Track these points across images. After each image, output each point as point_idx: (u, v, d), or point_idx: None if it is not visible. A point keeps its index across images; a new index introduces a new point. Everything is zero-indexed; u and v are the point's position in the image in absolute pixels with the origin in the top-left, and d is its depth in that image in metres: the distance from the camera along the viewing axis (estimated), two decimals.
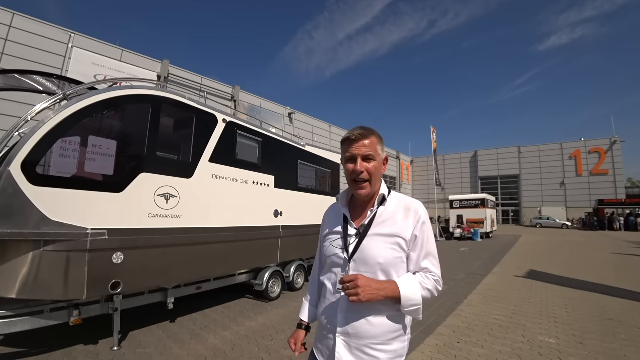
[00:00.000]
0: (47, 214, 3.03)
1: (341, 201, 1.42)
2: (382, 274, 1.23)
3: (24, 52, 13.56)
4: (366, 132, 1.28)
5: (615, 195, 34.26)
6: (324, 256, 1.41)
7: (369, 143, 1.27)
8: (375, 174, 1.28)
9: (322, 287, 1.38)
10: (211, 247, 4.60)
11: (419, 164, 50.66)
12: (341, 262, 1.29)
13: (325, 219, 1.50)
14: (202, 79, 20.42)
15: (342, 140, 1.33)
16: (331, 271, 1.33)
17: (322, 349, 1.33)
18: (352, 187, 1.32)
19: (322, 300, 1.37)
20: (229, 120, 4.90)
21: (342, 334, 1.23)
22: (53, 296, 3.19)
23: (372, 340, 1.21)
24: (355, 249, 1.27)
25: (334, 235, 1.37)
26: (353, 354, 1.21)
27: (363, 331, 1.21)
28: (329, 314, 1.29)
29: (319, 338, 1.37)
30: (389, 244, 1.24)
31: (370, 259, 1.23)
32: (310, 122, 29.21)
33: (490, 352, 3.71)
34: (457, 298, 6.01)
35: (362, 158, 1.27)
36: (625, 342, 3.98)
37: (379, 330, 1.21)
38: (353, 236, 1.30)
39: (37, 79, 4.58)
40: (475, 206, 21.79)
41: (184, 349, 3.73)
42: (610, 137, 35.87)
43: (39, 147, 3.02)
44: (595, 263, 10.43)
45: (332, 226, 1.41)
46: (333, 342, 1.24)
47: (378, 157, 1.30)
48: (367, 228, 1.28)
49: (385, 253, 1.23)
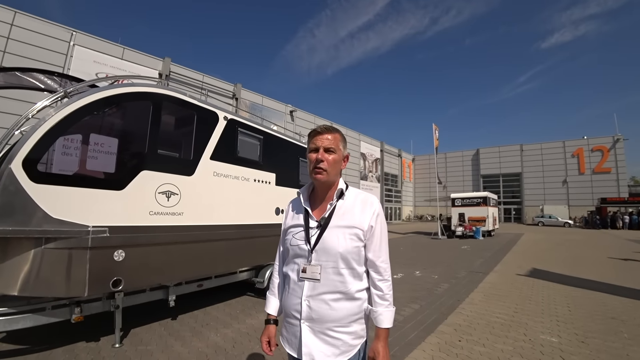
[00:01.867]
0: (49, 211, 3.03)
1: (303, 196, 1.50)
2: (342, 262, 1.33)
3: (26, 51, 13.60)
4: (331, 128, 1.43)
5: (618, 194, 34.14)
6: (286, 249, 1.49)
7: (332, 138, 1.40)
8: (334, 165, 1.39)
9: (286, 278, 1.46)
10: (213, 245, 4.60)
11: (420, 162, 50.63)
12: (304, 253, 1.38)
13: (287, 213, 1.58)
14: (203, 77, 20.43)
15: (309, 134, 1.45)
16: (294, 262, 1.42)
17: (289, 337, 1.41)
18: (312, 174, 1.40)
19: (286, 290, 1.46)
20: (230, 118, 4.89)
21: (307, 319, 1.33)
22: (55, 294, 3.19)
23: (335, 324, 1.31)
24: (317, 241, 1.36)
25: (296, 229, 1.45)
26: (319, 337, 1.31)
27: (326, 315, 1.30)
28: (293, 302, 1.38)
29: (285, 327, 1.45)
30: (348, 235, 1.34)
31: (331, 249, 1.33)
32: (312, 120, 29.21)
33: (492, 350, 3.70)
34: (458, 296, 6.00)
35: (324, 149, 1.38)
36: (628, 342, 3.96)
37: (340, 314, 1.31)
38: (315, 228, 1.39)
39: (38, 77, 4.58)
40: (477, 204, 21.71)
41: (185, 347, 3.73)
42: (613, 135, 35.75)
43: (40, 145, 3.02)
44: (596, 261, 10.39)
45: (294, 220, 1.50)
46: (299, 329, 1.34)
47: (339, 152, 1.41)
48: (328, 221, 1.38)
49: (345, 243, 1.33)
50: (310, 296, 1.32)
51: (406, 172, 47.54)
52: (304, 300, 1.33)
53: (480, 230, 19.66)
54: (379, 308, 1.36)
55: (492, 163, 43.49)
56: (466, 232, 19.84)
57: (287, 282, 1.45)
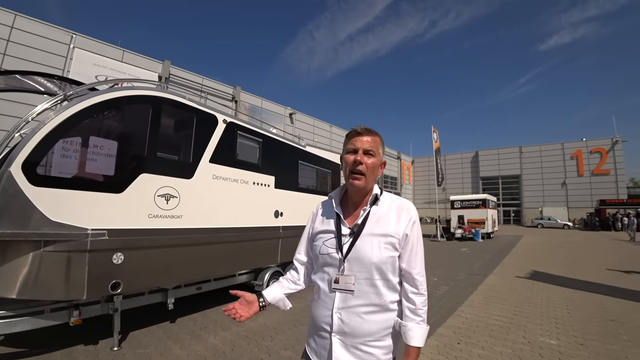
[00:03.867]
0: (48, 214, 3.03)
1: (335, 200, 1.42)
2: (376, 273, 1.24)
3: (26, 53, 13.62)
4: (371, 130, 1.33)
5: (617, 196, 34.18)
6: (316, 255, 1.40)
7: (372, 140, 1.31)
8: (373, 170, 1.30)
9: (315, 287, 1.38)
10: (212, 248, 4.60)
11: (420, 164, 50.66)
12: (335, 262, 1.29)
13: (316, 217, 1.49)
14: (203, 80, 20.46)
15: (347, 134, 1.36)
16: (324, 271, 1.33)
17: (317, 349, 1.32)
18: (349, 178, 1.32)
19: (315, 300, 1.37)
20: (229, 121, 4.90)
21: (338, 333, 1.24)
22: (53, 297, 3.19)
23: (368, 338, 1.22)
24: (349, 249, 1.27)
25: (326, 235, 1.36)
26: (350, 352, 1.22)
27: (359, 329, 1.22)
28: (323, 314, 1.29)
29: (313, 338, 1.36)
30: (382, 244, 1.25)
31: (365, 259, 1.24)
32: (312, 123, 29.24)
33: (490, 353, 3.69)
34: (458, 299, 6.00)
35: (364, 152, 1.29)
36: (627, 344, 3.96)
37: (374, 328, 1.23)
38: (347, 236, 1.30)
39: (38, 80, 4.59)
40: (477, 207, 21.73)
41: (184, 350, 3.73)
42: (612, 137, 35.81)
43: (39, 148, 3.02)
44: (593, 262, 10.40)
45: (324, 225, 1.40)
46: (329, 342, 1.25)
47: (378, 156, 1.32)
48: (361, 228, 1.29)
49: (380, 253, 1.24)
50: (342, 308, 1.24)
51: (405, 175, 47.55)
52: (335, 313, 1.25)
53: (479, 232, 19.67)
54: (409, 323, 1.25)
55: (491, 165, 43.54)
56: (465, 235, 19.84)
57: (316, 290, 1.37)
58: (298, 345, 3.90)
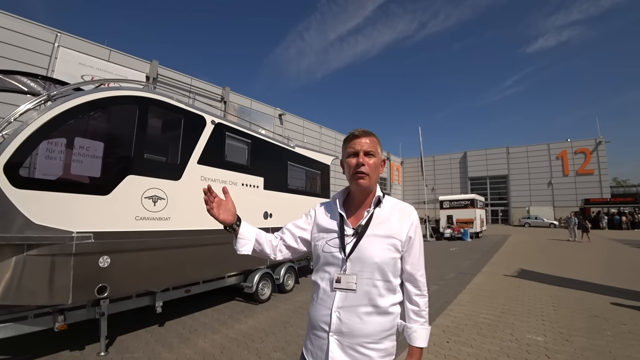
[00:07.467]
0: (31, 217, 2.96)
1: (338, 201, 1.43)
2: (378, 273, 1.26)
3: (9, 52, 13.27)
4: (368, 132, 1.37)
5: (601, 195, 34.99)
6: (317, 255, 1.40)
7: (370, 141, 1.34)
8: (375, 169, 1.34)
9: (315, 287, 1.39)
10: (200, 250, 4.56)
11: (409, 165, 51.03)
12: (338, 261, 1.30)
13: (317, 216, 1.49)
14: (192, 80, 20.24)
15: (346, 138, 1.39)
16: (326, 270, 1.34)
17: (314, 350, 1.32)
18: (353, 179, 1.34)
19: (314, 301, 1.37)
20: (217, 122, 4.87)
21: (336, 332, 1.24)
22: (37, 302, 3.12)
23: (366, 339, 1.23)
24: (352, 249, 1.29)
25: (329, 235, 1.37)
26: (346, 353, 1.22)
27: (357, 329, 1.22)
28: (322, 313, 1.29)
29: (310, 340, 1.35)
30: (385, 245, 1.28)
31: (368, 259, 1.26)
32: (301, 124, 29.19)
33: (479, 351, 3.75)
34: (447, 298, 6.06)
35: (364, 153, 1.32)
36: (610, 339, 4.06)
37: (372, 329, 1.23)
38: (350, 236, 1.32)
39: (21, 80, 4.49)
40: (465, 207, 22.01)
41: (173, 354, 3.68)
42: (595, 138, 36.63)
43: (22, 149, 2.95)
44: (580, 260, 10.64)
45: (327, 225, 1.41)
46: (327, 342, 1.25)
47: (378, 156, 1.36)
48: (365, 228, 1.31)
49: (382, 253, 1.26)
50: (341, 307, 1.25)
51: (395, 175, 47.85)
52: (334, 312, 1.25)
53: (468, 232, 19.94)
54: (413, 325, 1.31)
55: (479, 166, 44.12)
56: (454, 234, 20.09)
57: (316, 290, 1.37)
58: (288, 347, 3.89)
